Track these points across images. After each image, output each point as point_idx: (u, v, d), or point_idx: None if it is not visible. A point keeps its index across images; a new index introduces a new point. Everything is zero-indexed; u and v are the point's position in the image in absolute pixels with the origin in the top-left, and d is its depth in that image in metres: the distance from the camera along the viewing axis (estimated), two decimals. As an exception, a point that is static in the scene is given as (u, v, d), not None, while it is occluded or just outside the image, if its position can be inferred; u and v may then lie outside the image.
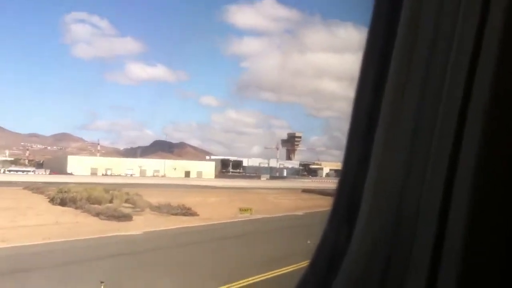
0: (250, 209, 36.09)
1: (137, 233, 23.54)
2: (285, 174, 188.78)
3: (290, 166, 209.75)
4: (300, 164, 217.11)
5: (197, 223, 30.40)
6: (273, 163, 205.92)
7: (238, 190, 69.24)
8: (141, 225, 27.53)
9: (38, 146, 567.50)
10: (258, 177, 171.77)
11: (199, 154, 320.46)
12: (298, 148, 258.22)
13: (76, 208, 33.45)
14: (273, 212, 38.10)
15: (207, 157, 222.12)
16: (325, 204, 49.68)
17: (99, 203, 36.02)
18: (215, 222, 30.95)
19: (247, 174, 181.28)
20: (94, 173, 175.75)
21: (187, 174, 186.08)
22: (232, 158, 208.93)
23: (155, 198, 43.94)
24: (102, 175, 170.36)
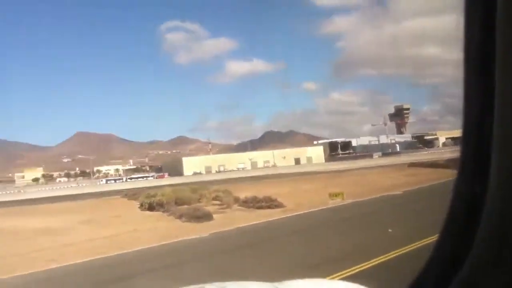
0: (342, 194, 33.26)
1: (204, 235, 22.04)
2: (398, 149, 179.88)
3: (402, 140, 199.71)
4: (413, 137, 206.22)
5: (280, 215, 28.36)
6: (384, 139, 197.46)
7: (339, 173, 66.23)
8: (217, 224, 26.15)
9: (159, 152, 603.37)
10: (370, 156, 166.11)
11: (309, 140, 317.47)
12: (409, 121, 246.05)
13: (164, 211, 33.10)
14: (368, 195, 34.94)
15: (315, 142, 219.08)
16: (431, 178, 45.25)
17: (188, 203, 35.47)
18: (300, 213, 28.70)
19: (358, 154, 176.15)
20: (208, 171, 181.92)
21: (297, 161, 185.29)
22: (339, 139, 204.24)
23: (246, 192, 42.76)
24: (216, 172, 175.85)
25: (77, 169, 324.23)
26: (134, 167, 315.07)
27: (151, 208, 35.11)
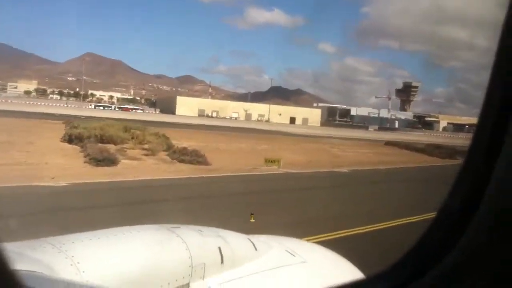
0: (278, 161, 29.51)
1: (61, 184, 18.33)
2: (396, 125, 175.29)
3: (403, 117, 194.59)
4: (415, 116, 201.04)
5: (195, 173, 24.65)
6: (384, 113, 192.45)
7: (310, 139, 62.28)
8: (116, 172, 22.58)
9: (164, 87, 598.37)
10: (366, 128, 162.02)
11: (315, 102, 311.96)
12: (414, 99, 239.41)
13: (81, 147, 29.46)
14: (314, 167, 31.23)
15: (314, 105, 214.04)
16: (397, 160, 41.48)
17: (114, 142, 31.85)
18: (219, 175, 24.99)
19: (355, 124, 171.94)
20: (201, 114, 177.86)
21: (292, 120, 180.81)
22: (339, 106, 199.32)
23: (192, 142, 39.16)
24: (207, 116, 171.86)
25: (77, 89, 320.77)
26: (131, 97, 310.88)
27: (70, 140, 31.46)
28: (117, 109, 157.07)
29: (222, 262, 2.87)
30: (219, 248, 2.90)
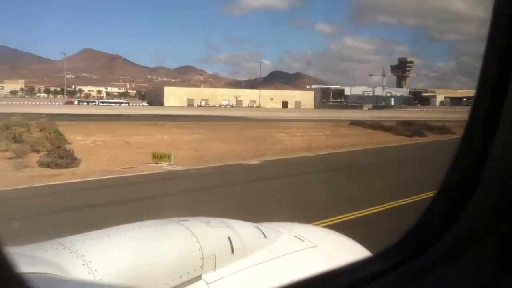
0: (168, 156, 23.43)
1: None
2: (392, 103, 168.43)
3: (398, 94, 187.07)
4: (410, 92, 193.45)
5: (45, 181, 18.62)
6: (379, 91, 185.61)
7: (270, 123, 55.85)
8: None
9: (163, 78, 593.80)
10: (360, 107, 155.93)
11: (315, 84, 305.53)
12: (410, 75, 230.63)
13: None
14: (229, 159, 25.39)
15: (308, 87, 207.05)
16: (353, 142, 35.33)
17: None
18: (70, 181, 18.94)
19: (349, 104, 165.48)
20: (190, 104, 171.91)
21: (285, 104, 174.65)
22: (332, 87, 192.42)
23: (104, 136, 33.36)
24: (197, 106, 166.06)
25: (73, 86, 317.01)
26: (123, 91, 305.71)
27: None
28: (100, 104, 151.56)
29: (232, 252, 2.86)
30: (229, 238, 2.87)
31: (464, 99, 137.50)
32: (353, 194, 16.31)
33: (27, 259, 1.97)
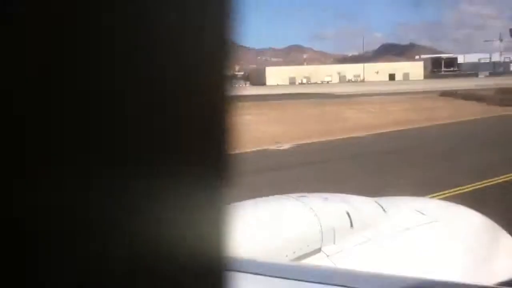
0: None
1: None
2: (511, 69, 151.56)
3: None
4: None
5: None
6: (496, 57, 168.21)
7: (351, 100, 50.70)
8: None
9: (273, 59, 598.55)
10: (476, 75, 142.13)
11: (429, 54, 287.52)
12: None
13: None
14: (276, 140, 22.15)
15: (417, 57, 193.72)
16: (435, 117, 30.04)
17: None
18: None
19: (462, 73, 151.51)
20: (292, 82, 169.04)
21: (392, 77, 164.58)
22: (444, 55, 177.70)
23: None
24: (298, 84, 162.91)
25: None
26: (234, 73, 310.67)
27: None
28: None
29: (351, 226, 2.88)
30: (347, 213, 2.90)
31: None
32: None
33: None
